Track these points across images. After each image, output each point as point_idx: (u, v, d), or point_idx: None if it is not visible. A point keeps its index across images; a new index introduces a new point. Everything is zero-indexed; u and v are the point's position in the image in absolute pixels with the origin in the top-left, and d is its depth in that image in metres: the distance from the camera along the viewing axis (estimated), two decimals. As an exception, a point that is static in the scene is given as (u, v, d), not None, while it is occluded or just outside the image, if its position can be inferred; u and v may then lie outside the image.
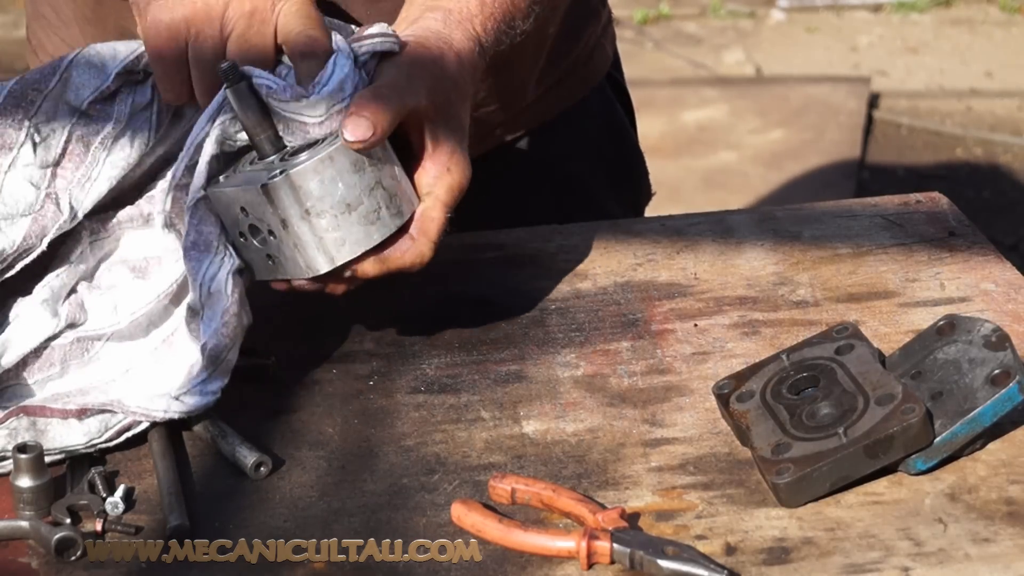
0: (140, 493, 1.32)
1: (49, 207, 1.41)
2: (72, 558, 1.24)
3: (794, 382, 1.36)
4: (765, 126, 4.94)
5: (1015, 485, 1.29)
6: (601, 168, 1.92)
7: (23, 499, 1.28)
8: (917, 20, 5.85)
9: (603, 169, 1.93)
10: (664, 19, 5.85)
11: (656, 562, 1.19)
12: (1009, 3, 5.89)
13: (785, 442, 1.29)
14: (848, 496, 1.28)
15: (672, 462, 1.34)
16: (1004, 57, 5.50)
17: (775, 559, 1.22)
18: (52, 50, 1.78)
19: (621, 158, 1.96)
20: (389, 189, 1.37)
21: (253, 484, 1.32)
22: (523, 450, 1.36)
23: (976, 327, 1.33)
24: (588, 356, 1.49)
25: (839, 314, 1.54)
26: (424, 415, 1.41)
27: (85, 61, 1.43)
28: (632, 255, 1.66)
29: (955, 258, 1.63)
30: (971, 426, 1.28)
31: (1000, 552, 1.22)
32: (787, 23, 5.86)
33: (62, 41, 1.75)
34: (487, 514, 1.25)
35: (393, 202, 1.37)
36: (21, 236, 1.39)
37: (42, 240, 1.40)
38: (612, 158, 1.94)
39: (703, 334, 1.52)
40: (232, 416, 1.41)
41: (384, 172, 1.37)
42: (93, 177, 1.42)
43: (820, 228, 1.70)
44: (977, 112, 5.14)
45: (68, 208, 1.41)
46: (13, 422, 1.33)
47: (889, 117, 5.07)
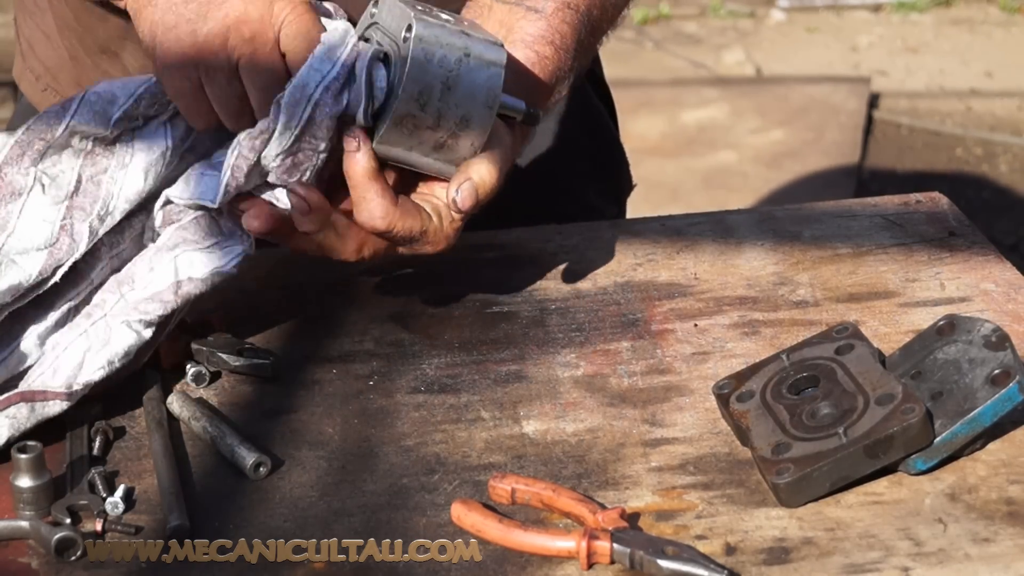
0: (140, 493, 1.32)
1: (64, 240, 1.41)
2: (72, 558, 1.24)
3: (794, 382, 1.36)
4: (765, 126, 4.94)
5: (1015, 485, 1.29)
6: (581, 160, 1.92)
7: (23, 499, 1.28)
8: (917, 20, 5.86)
9: (583, 161, 1.93)
10: (664, 19, 5.86)
11: (656, 562, 1.19)
12: (1009, 3, 5.89)
13: (785, 442, 1.29)
14: (848, 496, 1.28)
15: (672, 462, 1.34)
16: (1004, 57, 5.50)
17: (775, 559, 1.22)
18: (27, 33, 1.79)
19: (600, 150, 1.96)
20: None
21: (253, 484, 1.32)
22: (523, 450, 1.36)
23: (976, 327, 1.33)
24: (588, 356, 1.49)
25: (839, 314, 1.54)
26: (424, 415, 1.41)
27: (88, 108, 1.43)
28: (632, 255, 1.66)
29: (955, 258, 1.63)
30: (971, 426, 1.28)
31: (1000, 552, 1.22)
32: (787, 23, 5.86)
33: (36, 26, 1.75)
34: (487, 514, 1.25)
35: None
36: (37, 270, 1.40)
37: (56, 272, 1.40)
38: (591, 150, 1.94)
39: (703, 334, 1.52)
40: (232, 416, 1.41)
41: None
42: (110, 210, 1.43)
43: (820, 228, 1.70)
44: (977, 112, 5.14)
45: (85, 240, 1.42)
46: (12, 410, 1.33)
47: (889, 117, 5.07)
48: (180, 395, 1.42)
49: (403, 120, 1.38)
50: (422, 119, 1.38)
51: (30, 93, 1.82)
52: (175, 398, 1.41)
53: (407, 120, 1.38)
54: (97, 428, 1.38)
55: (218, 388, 1.46)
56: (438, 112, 1.38)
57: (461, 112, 1.38)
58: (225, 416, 1.41)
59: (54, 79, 1.78)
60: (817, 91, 5.13)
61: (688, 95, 5.10)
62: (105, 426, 1.38)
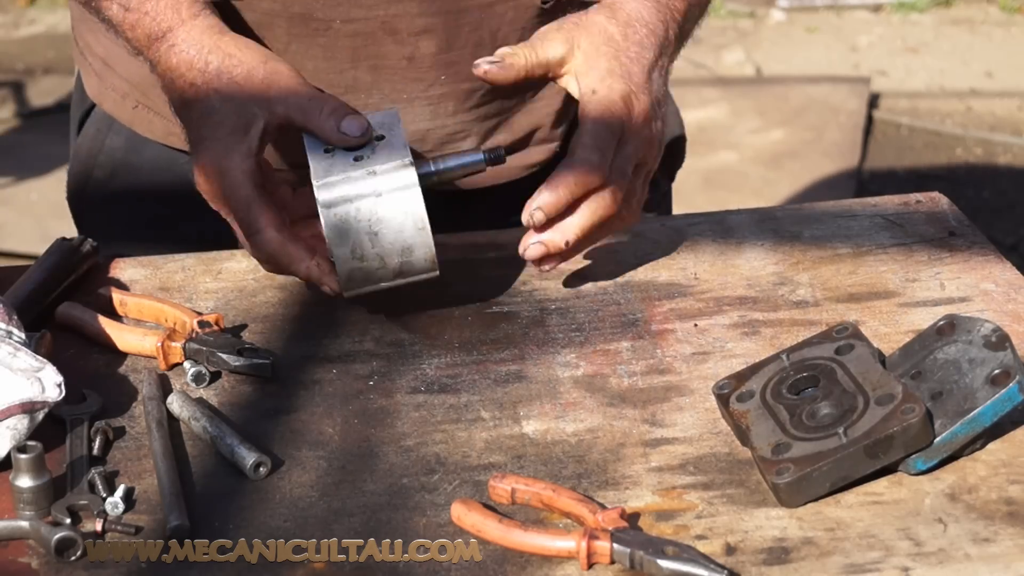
0: (140, 493, 1.32)
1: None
2: (72, 558, 1.24)
3: (794, 382, 1.36)
4: (765, 126, 4.94)
5: (1015, 485, 1.29)
6: None
7: (23, 499, 1.28)
8: (917, 20, 5.86)
9: None
10: (664, 19, 5.85)
11: (656, 562, 1.19)
12: (1009, 3, 5.89)
13: (785, 442, 1.29)
14: (848, 496, 1.28)
15: (672, 462, 1.34)
16: (1004, 57, 5.50)
17: (775, 559, 1.22)
18: (101, 52, 1.78)
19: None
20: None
21: (253, 484, 1.32)
22: (523, 450, 1.36)
23: (976, 327, 1.33)
24: (588, 356, 1.49)
25: (839, 314, 1.54)
26: (424, 415, 1.41)
27: None
28: (632, 255, 1.66)
29: (955, 258, 1.63)
30: (971, 426, 1.28)
31: (1000, 552, 1.22)
32: (787, 23, 5.86)
33: (112, 43, 1.74)
34: (487, 514, 1.25)
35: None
36: None
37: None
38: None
39: (703, 334, 1.52)
40: (232, 416, 1.41)
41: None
42: None
43: (820, 228, 1.70)
44: (977, 112, 5.14)
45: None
46: (13, 420, 1.33)
47: (889, 117, 5.07)
48: (180, 395, 1.42)
49: (351, 274, 1.47)
50: (367, 266, 1.47)
51: (118, 112, 1.80)
52: (175, 398, 1.41)
53: (355, 272, 1.47)
54: (97, 428, 1.38)
55: (218, 388, 1.46)
56: (378, 255, 1.47)
57: (398, 245, 1.47)
58: (225, 416, 1.41)
59: (144, 95, 1.75)
60: (817, 91, 5.13)
61: (688, 95, 5.10)
62: (105, 426, 1.38)
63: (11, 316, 1.42)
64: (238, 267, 1.65)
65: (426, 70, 1.67)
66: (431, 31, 1.65)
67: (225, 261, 1.66)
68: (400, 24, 1.64)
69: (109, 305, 1.56)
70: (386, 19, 1.63)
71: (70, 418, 1.39)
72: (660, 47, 1.59)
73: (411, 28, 1.64)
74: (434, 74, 1.67)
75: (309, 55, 1.65)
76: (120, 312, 1.56)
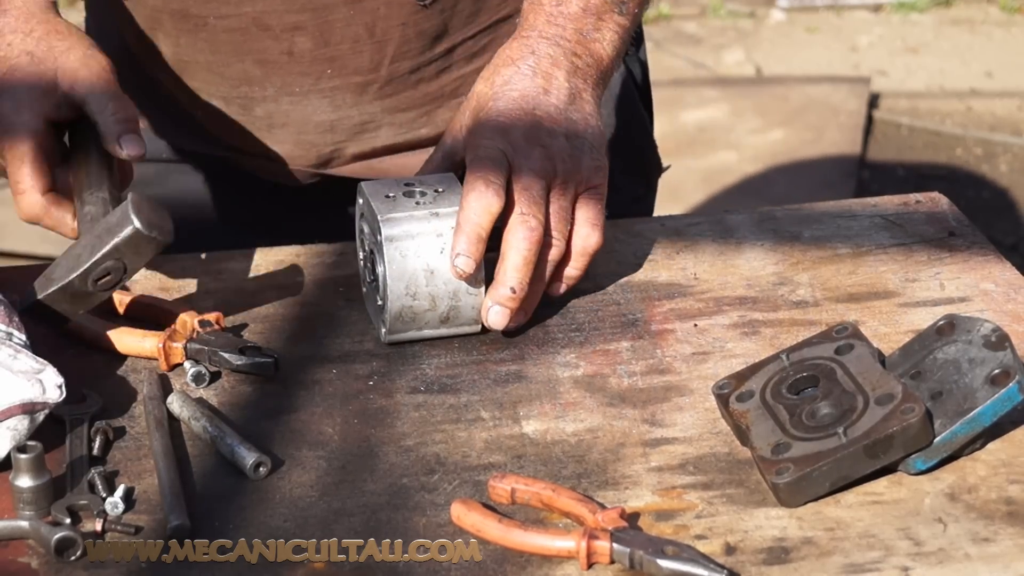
0: (140, 493, 1.32)
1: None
2: (72, 558, 1.24)
3: (794, 382, 1.36)
4: (765, 126, 4.94)
5: (1015, 485, 1.29)
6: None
7: (23, 499, 1.28)
8: (917, 20, 5.85)
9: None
10: (664, 19, 5.85)
11: (656, 562, 1.19)
12: (1009, 3, 5.89)
13: (785, 442, 1.29)
14: (848, 496, 1.28)
15: (672, 462, 1.34)
16: (1004, 57, 5.50)
17: (775, 559, 1.22)
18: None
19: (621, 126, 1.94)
20: None
21: (253, 484, 1.32)
22: (523, 450, 1.36)
23: (976, 327, 1.33)
24: (588, 356, 1.49)
25: (839, 314, 1.54)
26: (424, 415, 1.41)
27: None
28: (632, 255, 1.66)
29: (955, 258, 1.63)
30: (971, 426, 1.28)
31: (1000, 552, 1.22)
32: (787, 23, 5.86)
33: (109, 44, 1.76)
34: (487, 514, 1.25)
35: None
36: None
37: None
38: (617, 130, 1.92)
39: (703, 334, 1.52)
40: (232, 416, 1.41)
41: None
42: None
43: (820, 228, 1.70)
44: (977, 112, 5.13)
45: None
46: (13, 421, 1.33)
47: (889, 117, 5.07)
48: (180, 395, 1.42)
49: (401, 312, 1.48)
50: (418, 306, 1.48)
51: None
52: (175, 398, 1.41)
53: (405, 312, 1.48)
54: (97, 428, 1.38)
55: (218, 388, 1.46)
56: (430, 295, 1.48)
57: (451, 287, 1.48)
58: (225, 416, 1.41)
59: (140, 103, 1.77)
60: (817, 91, 5.13)
61: (688, 95, 5.10)
62: (105, 426, 1.38)
63: (12, 318, 1.42)
64: (238, 267, 1.65)
65: (308, 64, 1.69)
66: (302, 27, 1.67)
67: (225, 261, 1.66)
68: (271, 20, 1.66)
69: (109, 305, 1.56)
70: (255, 16, 1.66)
71: (70, 418, 1.39)
72: (562, 57, 1.56)
73: (282, 24, 1.67)
74: (318, 68, 1.69)
75: (198, 48, 1.69)
76: (120, 312, 1.56)
